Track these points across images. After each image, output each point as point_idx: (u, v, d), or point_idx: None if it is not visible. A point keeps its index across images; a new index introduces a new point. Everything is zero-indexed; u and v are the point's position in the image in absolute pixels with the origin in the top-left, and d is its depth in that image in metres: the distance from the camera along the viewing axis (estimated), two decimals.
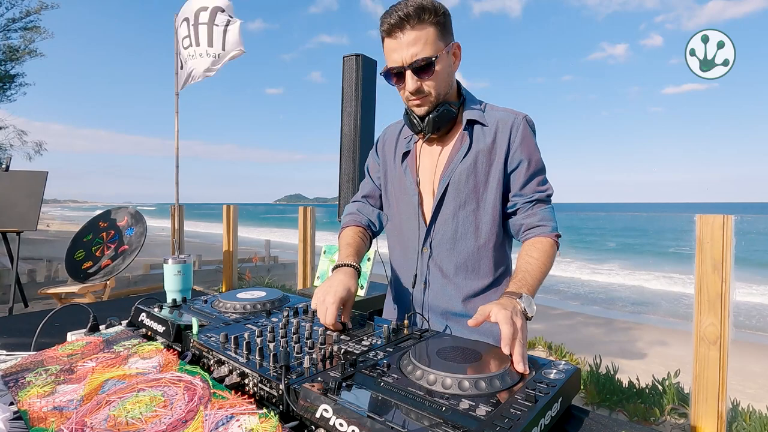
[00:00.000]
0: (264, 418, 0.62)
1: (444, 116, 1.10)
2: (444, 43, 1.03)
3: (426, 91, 1.06)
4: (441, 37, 1.02)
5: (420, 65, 1.01)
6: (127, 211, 4.16)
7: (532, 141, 1.11)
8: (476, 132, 1.12)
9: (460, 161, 1.12)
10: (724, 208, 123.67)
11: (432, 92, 1.06)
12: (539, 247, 1.06)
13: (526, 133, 1.10)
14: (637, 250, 21.76)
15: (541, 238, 1.09)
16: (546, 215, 1.11)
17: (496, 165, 1.11)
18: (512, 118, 1.11)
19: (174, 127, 4.80)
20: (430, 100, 1.07)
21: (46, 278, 6.38)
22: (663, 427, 2.55)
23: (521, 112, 1.13)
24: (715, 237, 1.72)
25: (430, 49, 1.01)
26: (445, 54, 1.04)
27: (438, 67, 1.03)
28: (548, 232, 1.09)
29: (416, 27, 0.99)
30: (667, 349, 5.26)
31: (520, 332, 0.79)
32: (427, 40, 1.00)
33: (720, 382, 1.71)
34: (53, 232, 18.78)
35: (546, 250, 1.06)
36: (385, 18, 1.02)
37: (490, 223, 1.13)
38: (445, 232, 1.15)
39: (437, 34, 1.01)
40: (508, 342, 0.76)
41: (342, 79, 2.63)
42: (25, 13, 15.00)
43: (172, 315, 1.02)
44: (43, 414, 0.65)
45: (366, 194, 1.34)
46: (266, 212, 62.09)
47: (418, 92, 1.05)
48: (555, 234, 1.10)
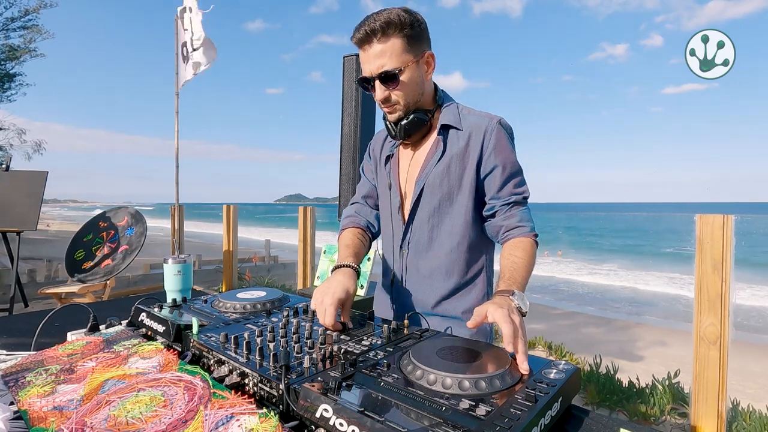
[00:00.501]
0: (264, 417, 0.62)
1: (414, 123, 1.14)
2: (413, 54, 1.07)
3: (394, 99, 1.10)
4: (409, 49, 1.06)
5: (387, 76, 1.06)
6: (127, 211, 4.16)
7: (506, 144, 1.13)
8: (450, 136, 1.15)
9: (434, 165, 1.15)
10: (724, 208, 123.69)
11: (400, 101, 1.11)
12: (522, 246, 1.08)
13: (500, 137, 1.12)
14: (637, 250, 21.77)
15: (522, 238, 1.10)
16: (524, 216, 1.13)
17: (469, 169, 1.13)
18: (486, 123, 1.13)
19: (174, 127, 4.80)
20: (399, 108, 1.12)
21: (46, 278, 6.38)
22: (663, 427, 2.55)
23: (496, 116, 1.14)
24: (715, 237, 1.72)
25: (395, 60, 1.05)
26: (413, 64, 1.08)
27: (404, 77, 1.07)
28: (528, 233, 1.11)
29: (381, 40, 1.04)
30: (667, 349, 5.26)
31: (520, 329, 0.80)
32: (393, 52, 1.05)
33: (720, 382, 1.71)
34: (53, 232, 18.78)
35: (528, 250, 1.08)
36: (354, 32, 1.07)
37: (463, 225, 1.15)
38: (421, 234, 1.18)
39: (404, 46, 1.05)
40: (510, 340, 0.77)
41: (342, 79, 2.63)
42: (24, 12, 15.00)
43: (172, 315, 1.02)
44: (43, 414, 0.65)
45: (365, 194, 1.36)
46: (266, 212, 62.08)
47: (386, 101, 1.11)
48: (534, 234, 1.12)
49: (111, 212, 4.20)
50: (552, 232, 32.33)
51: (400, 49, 1.05)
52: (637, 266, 16.08)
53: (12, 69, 15.45)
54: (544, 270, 15.17)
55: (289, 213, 56.21)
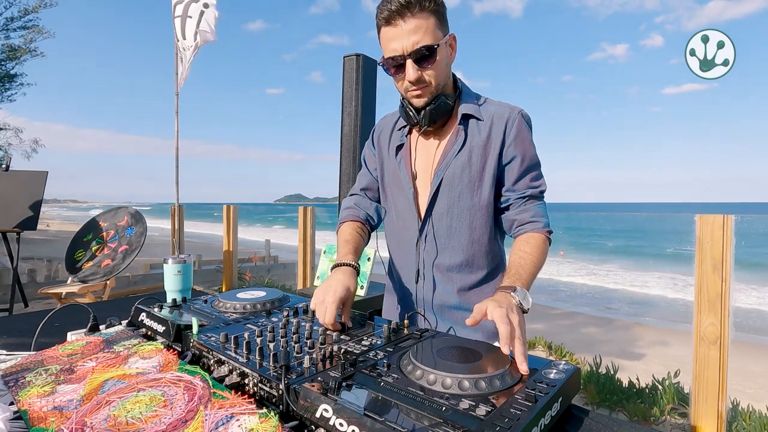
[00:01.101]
0: (264, 418, 0.62)
1: (440, 108, 1.09)
2: (442, 33, 1.03)
3: (427, 80, 1.04)
4: (440, 27, 1.02)
5: (422, 54, 1.00)
6: (127, 211, 4.16)
7: (527, 136, 1.11)
8: (471, 126, 1.12)
9: (454, 156, 1.12)
10: (724, 208, 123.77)
11: (432, 82, 1.05)
12: (532, 242, 1.06)
13: (521, 128, 1.10)
14: (637, 250, 21.76)
15: (534, 233, 1.08)
16: (538, 211, 1.10)
17: (490, 160, 1.10)
18: (508, 113, 1.10)
19: (174, 127, 4.80)
20: (430, 90, 1.06)
21: (46, 278, 6.38)
22: (663, 427, 2.55)
23: (517, 106, 1.12)
24: (715, 237, 1.72)
25: (431, 37, 1.00)
26: (444, 43, 1.04)
27: (439, 56, 1.02)
28: (540, 228, 1.09)
29: (417, 15, 0.98)
30: (667, 349, 5.26)
31: (518, 329, 0.78)
32: (428, 28, 0.99)
33: (720, 382, 1.71)
34: (53, 232, 18.77)
35: (539, 246, 1.06)
36: (384, 5, 1.00)
37: (484, 217, 1.13)
38: (440, 227, 1.15)
39: (437, 22, 1.01)
40: (507, 341, 0.76)
41: (342, 78, 2.63)
42: (24, 12, 15.00)
43: (172, 315, 1.02)
44: (43, 414, 0.65)
45: (364, 186, 1.33)
46: (266, 212, 62.05)
47: (419, 82, 1.04)
48: (547, 230, 1.10)
49: (111, 212, 4.20)
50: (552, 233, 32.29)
51: (434, 25, 1.00)
52: (637, 267, 16.07)
53: (12, 69, 15.46)
54: (544, 270, 15.16)
55: (289, 213, 56.21)
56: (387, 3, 0.99)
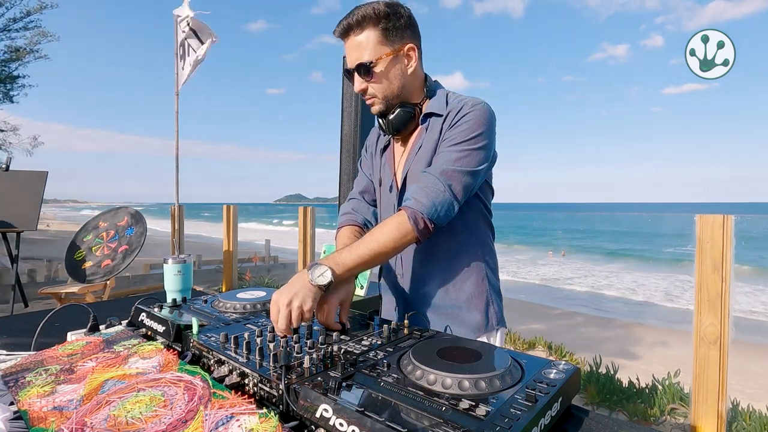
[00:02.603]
0: (264, 418, 0.62)
1: (401, 117, 1.14)
2: (390, 46, 1.07)
3: (371, 92, 1.12)
4: (384, 41, 1.07)
5: (363, 68, 1.07)
6: (127, 211, 4.16)
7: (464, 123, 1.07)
8: (432, 124, 1.14)
9: (415, 154, 1.15)
10: (724, 208, 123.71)
11: (377, 94, 1.11)
12: (386, 221, 1.03)
13: (462, 115, 1.08)
14: (638, 251, 21.75)
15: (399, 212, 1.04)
16: (416, 189, 1.05)
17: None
18: (464, 102, 1.10)
19: (174, 127, 4.80)
20: (378, 101, 1.13)
21: (46, 278, 6.39)
22: (663, 427, 2.55)
23: (481, 100, 1.11)
24: (715, 237, 1.72)
25: (369, 53, 1.07)
26: (390, 57, 1.08)
27: (377, 69, 1.07)
28: (406, 206, 1.04)
29: (357, 33, 1.07)
30: (667, 349, 5.26)
31: (286, 308, 0.86)
32: (368, 45, 1.06)
33: (720, 382, 1.70)
34: (53, 232, 18.78)
35: (387, 222, 1.02)
36: (336, 26, 1.10)
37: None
38: None
39: (379, 38, 1.06)
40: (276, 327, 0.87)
41: (342, 79, 2.63)
42: (26, 13, 15.00)
43: (172, 315, 1.02)
44: (43, 414, 0.65)
45: (362, 190, 1.35)
46: (266, 212, 62.08)
47: (364, 93, 1.12)
48: (410, 209, 1.02)
49: (111, 212, 4.19)
50: (552, 233, 32.31)
51: (374, 41, 1.06)
52: (637, 267, 16.07)
53: (15, 70, 15.47)
54: (545, 270, 15.17)
55: (289, 213, 56.20)
56: (339, 22, 1.08)
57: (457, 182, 1.03)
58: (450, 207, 1.03)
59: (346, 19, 1.07)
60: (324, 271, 0.93)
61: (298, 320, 0.87)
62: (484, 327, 1.16)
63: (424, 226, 1.01)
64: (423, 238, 1.02)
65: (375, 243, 0.99)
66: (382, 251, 0.99)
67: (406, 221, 1.00)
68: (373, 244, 0.99)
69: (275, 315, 0.87)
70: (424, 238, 1.03)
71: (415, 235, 1.01)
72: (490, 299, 1.18)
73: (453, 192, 1.02)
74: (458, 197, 1.03)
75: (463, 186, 1.04)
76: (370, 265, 1.01)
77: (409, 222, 1.00)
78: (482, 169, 1.07)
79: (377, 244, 0.99)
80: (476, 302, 1.16)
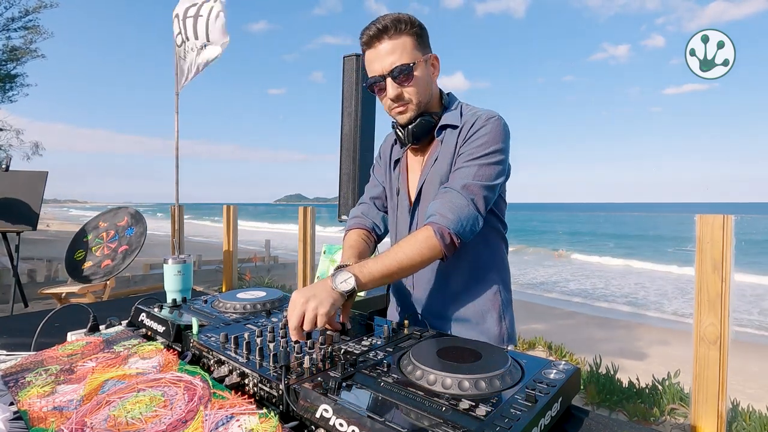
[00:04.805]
0: (264, 418, 0.62)
1: (423, 127, 1.13)
2: (421, 53, 1.08)
3: (407, 98, 1.09)
4: (418, 47, 1.07)
5: (400, 72, 1.05)
6: (127, 211, 4.16)
7: (479, 136, 1.08)
8: (447, 135, 1.14)
9: (431, 166, 1.14)
10: (724, 208, 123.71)
11: (413, 99, 1.09)
12: (412, 235, 1.02)
13: (478, 129, 1.08)
14: (638, 251, 21.75)
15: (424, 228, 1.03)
16: (438, 206, 1.04)
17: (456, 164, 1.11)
18: (479, 115, 1.10)
19: (174, 127, 4.80)
20: (411, 107, 1.10)
21: (46, 278, 6.39)
22: (663, 427, 2.55)
23: (493, 111, 1.11)
24: (715, 237, 1.72)
25: (407, 56, 1.05)
26: (422, 63, 1.08)
27: (416, 73, 1.07)
28: (431, 222, 1.02)
29: (393, 37, 1.05)
30: (667, 349, 5.26)
31: (306, 314, 0.85)
32: (404, 49, 1.05)
33: (720, 382, 1.70)
34: (53, 232, 18.77)
35: (414, 235, 1.01)
36: (364, 31, 1.07)
37: None
38: None
39: (414, 43, 1.06)
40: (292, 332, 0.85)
41: (342, 79, 2.63)
42: (24, 12, 15.00)
43: (172, 315, 1.03)
44: (43, 414, 0.65)
45: (374, 196, 1.35)
46: (266, 212, 62.11)
47: (399, 98, 1.09)
48: (437, 225, 1.01)
49: (111, 212, 4.19)
50: (552, 233, 32.31)
51: (411, 46, 1.06)
52: (637, 267, 16.06)
53: (13, 70, 15.46)
54: (545, 270, 15.16)
55: (289, 213, 56.16)
56: (367, 29, 1.06)
57: (479, 196, 1.03)
58: (475, 221, 1.03)
59: (378, 24, 1.04)
60: (348, 277, 0.92)
61: (311, 322, 0.85)
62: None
63: (450, 242, 1.00)
64: (449, 253, 1.02)
65: (403, 255, 0.98)
66: (409, 264, 0.99)
67: (433, 236, 0.99)
68: (401, 255, 0.98)
69: (290, 313, 0.86)
70: (450, 254, 1.02)
71: (441, 249, 1.00)
72: (503, 315, 1.17)
73: (476, 206, 1.03)
74: (481, 211, 1.04)
75: (485, 200, 1.05)
76: (394, 277, 1.00)
77: (436, 237, 0.99)
78: (500, 182, 1.08)
79: (405, 257, 0.98)
80: (487, 318, 1.16)
